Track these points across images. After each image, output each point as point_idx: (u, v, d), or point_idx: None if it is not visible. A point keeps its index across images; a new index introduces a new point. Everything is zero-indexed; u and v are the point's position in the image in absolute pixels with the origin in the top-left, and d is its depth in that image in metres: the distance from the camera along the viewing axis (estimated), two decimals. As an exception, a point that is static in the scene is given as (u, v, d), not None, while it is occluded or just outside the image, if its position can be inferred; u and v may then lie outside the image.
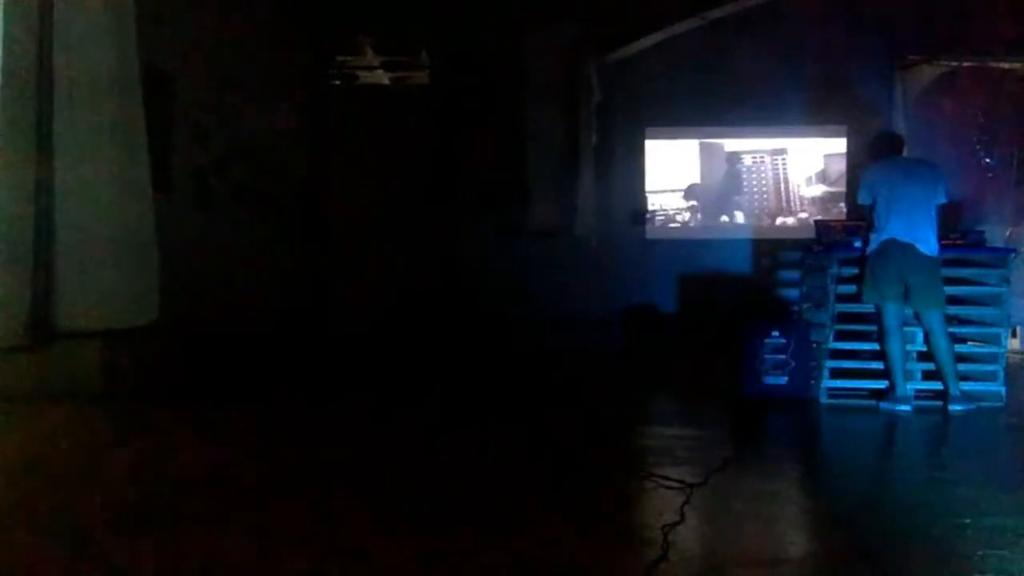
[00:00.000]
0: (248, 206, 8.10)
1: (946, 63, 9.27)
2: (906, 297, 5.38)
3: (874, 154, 5.84)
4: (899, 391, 5.32)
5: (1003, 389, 5.54)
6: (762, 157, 10.35)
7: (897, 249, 5.31)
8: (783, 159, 10.34)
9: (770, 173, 10.38)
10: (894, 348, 5.35)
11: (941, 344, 5.32)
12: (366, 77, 10.60)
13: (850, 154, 10.01)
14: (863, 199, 5.52)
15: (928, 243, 5.32)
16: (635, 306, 9.79)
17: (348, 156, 9.90)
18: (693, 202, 10.50)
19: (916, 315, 5.44)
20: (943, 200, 5.42)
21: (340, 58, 10.35)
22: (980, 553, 2.68)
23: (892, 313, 5.36)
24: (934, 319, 5.34)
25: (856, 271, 5.58)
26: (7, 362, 5.17)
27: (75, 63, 5.28)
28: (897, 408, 5.27)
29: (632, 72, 9.97)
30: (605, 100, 9.96)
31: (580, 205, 9.56)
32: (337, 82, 10.35)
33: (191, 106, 7.03)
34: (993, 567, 2.54)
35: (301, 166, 9.64)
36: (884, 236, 5.35)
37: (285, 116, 9.14)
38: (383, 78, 10.69)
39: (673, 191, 10.49)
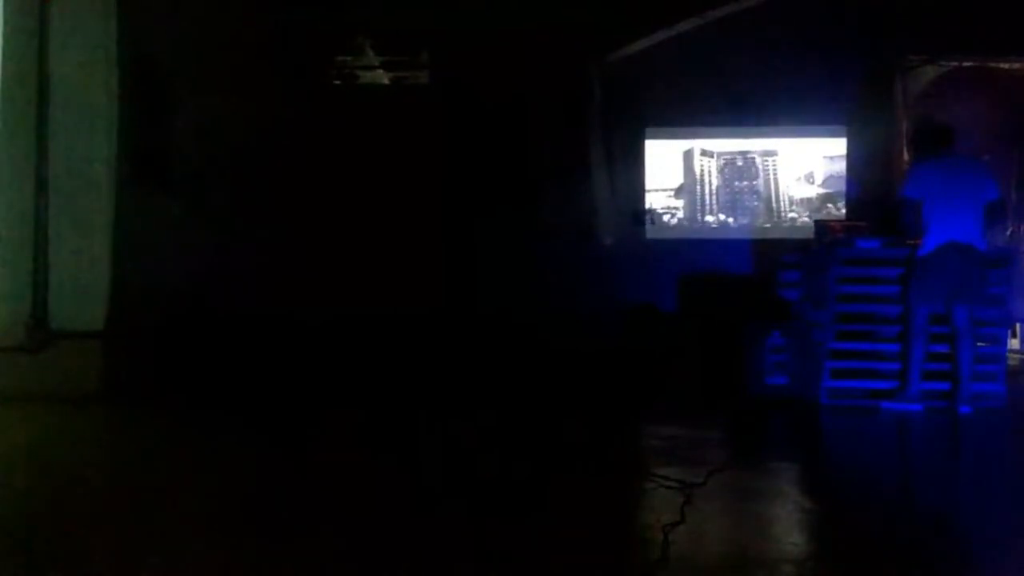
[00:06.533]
0: (247, 206, 8.09)
1: (946, 63, 9.26)
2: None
3: (922, 149, 5.69)
4: (913, 389, 5.31)
5: (1004, 389, 5.54)
6: (757, 157, 10.35)
7: (957, 251, 5.22)
8: (778, 160, 10.34)
9: (769, 174, 10.37)
10: (918, 348, 5.33)
11: (968, 344, 5.30)
12: (366, 77, 10.59)
13: (849, 155, 10.00)
14: (911, 193, 5.36)
15: (981, 242, 5.29)
16: (635, 306, 9.77)
17: (348, 156, 9.88)
18: (688, 202, 10.49)
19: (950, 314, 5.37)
20: (994, 196, 5.35)
21: (340, 58, 10.34)
22: (982, 553, 2.68)
23: (925, 315, 5.34)
24: (967, 317, 5.31)
25: (856, 272, 5.58)
26: (7, 362, 5.17)
27: (73, 63, 5.29)
28: (911, 406, 5.27)
29: (632, 72, 9.95)
30: (605, 100, 9.95)
31: (591, 204, 9.61)
32: (337, 82, 10.34)
33: (191, 106, 7.03)
34: (994, 567, 2.54)
35: (301, 166, 9.62)
36: (942, 239, 5.24)
37: (285, 116, 9.13)
38: (383, 78, 10.68)
39: (667, 190, 10.48)
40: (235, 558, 2.56)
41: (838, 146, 10.10)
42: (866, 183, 9.74)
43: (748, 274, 9.61)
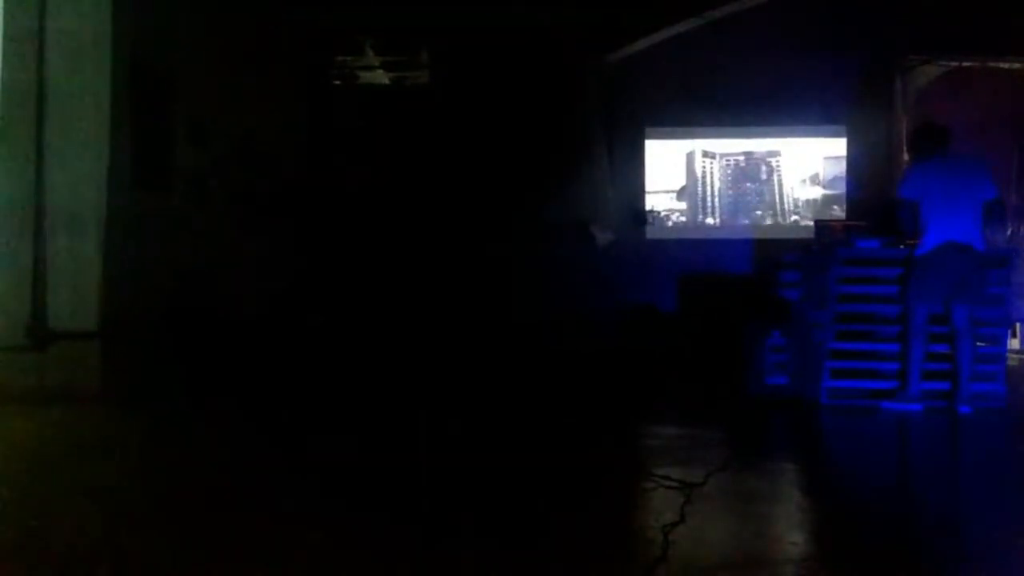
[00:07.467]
0: (247, 207, 8.08)
1: (946, 63, 9.26)
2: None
3: (919, 150, 5.65)
4: (913, 389, 5.32)
5: (1004, 389, 5.54)
6: (759, 159, 10.35)
7: (956, 251, 5.23)
8: (781, 161, 10.34)
9: (772, 175, 10.38)
10: (918, 348, 5.34)
11: (967, 343, 5.31)
12: (366, 77, 10.60)
13: (849, 155, 10.00)
14: (908, 194, 5.37)
15: (980, 242, 5.30)
16: (635, 306, 9.77)
17: (348, 156, 9.88)
18: (690, 204, 10.50)
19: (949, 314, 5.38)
20: (992, 196, 5.36)
21: (340, 58, 10.35)
22: (981, 553, 2.68)
23: (924, 314, 5.35)
24: (967, 317, 5.32)
25: (856, 272, 5.58)
26: (7, 362, 5.17)
27: (69, 64, 5.30)
28: (910, 406, 5.28)
29: (632, 72, 9.96)
30: (605, 100, 9.96)
31: (591, 205, 9.63)
32: (337, 82, 10.35)
33: (190, 106, 7.02)
34: (993, 567, 2.54)
35: (301, 166, 9.63)
36: (940, 239, 5.24)
37: (285, 116, 9.14)
38: (383, 78, 10.69)
39: (669, 192, 10.48)
40: (232, 559, 2.56)
41: (839, 147, 10.11)
42: (866, 183, 9.75)
43: (748, 274, 9.61)
